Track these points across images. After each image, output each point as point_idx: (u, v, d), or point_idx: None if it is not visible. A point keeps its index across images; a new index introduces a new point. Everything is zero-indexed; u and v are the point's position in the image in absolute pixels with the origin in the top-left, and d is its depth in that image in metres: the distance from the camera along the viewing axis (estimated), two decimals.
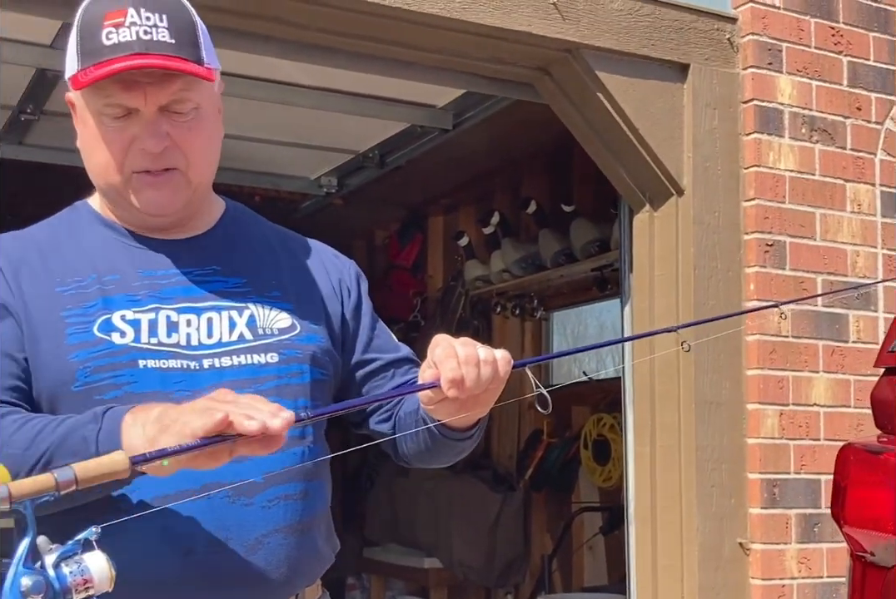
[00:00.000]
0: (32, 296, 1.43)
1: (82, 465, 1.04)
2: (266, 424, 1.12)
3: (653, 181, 2.93)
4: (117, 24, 1.36)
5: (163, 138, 1.40)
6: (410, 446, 1.56)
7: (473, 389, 1.32)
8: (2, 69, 3.29)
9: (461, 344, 1.34)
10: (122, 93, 1.37)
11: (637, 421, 3.03)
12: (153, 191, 1.44)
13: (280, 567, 1.44)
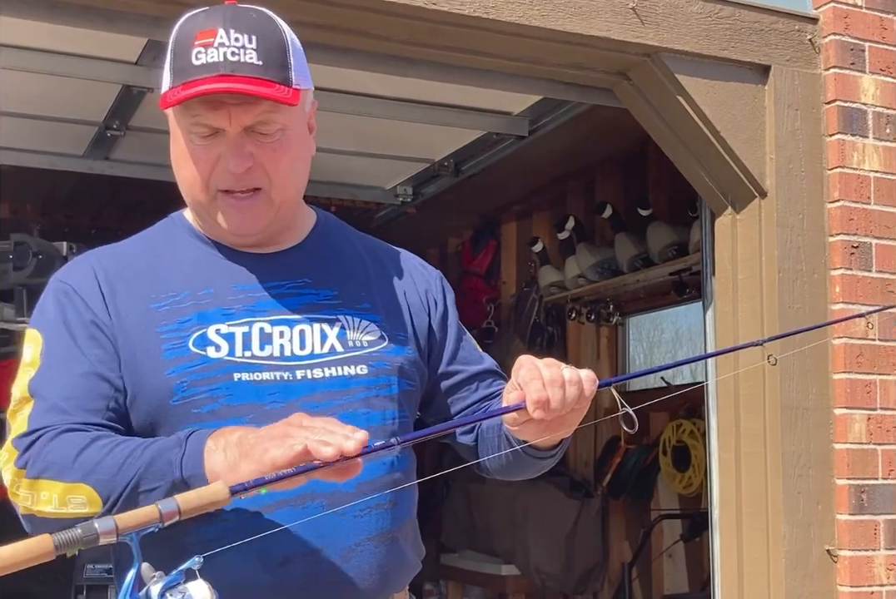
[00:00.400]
0: (129, 312, 1.46)
1: (185, 497, 1.08)
2: (342, 448, 1.15)
3: (735, 184, 2.91)
4: (206, 43, 1.39)
5: (246, 159, 1.42)
6: (493, 462, 1.57)
7: (559, 410, 1.33)
8: (89, 86, 3.39)
9: (546, 365, 1.34)
10: (208, 113, 1.40)
11: (721, 427, 3.00)
12: (236, 212, 1.47)
13: (372, 575, 1.47)
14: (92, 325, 1.45)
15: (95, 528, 1.01)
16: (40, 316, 1.50)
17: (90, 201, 5.17)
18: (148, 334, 1.44)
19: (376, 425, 1.49)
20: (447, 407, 1.64)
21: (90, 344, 1.44)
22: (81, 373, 1.41)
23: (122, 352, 1.44)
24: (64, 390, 1.40)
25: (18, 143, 3.96)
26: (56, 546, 1.00)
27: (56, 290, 1.50)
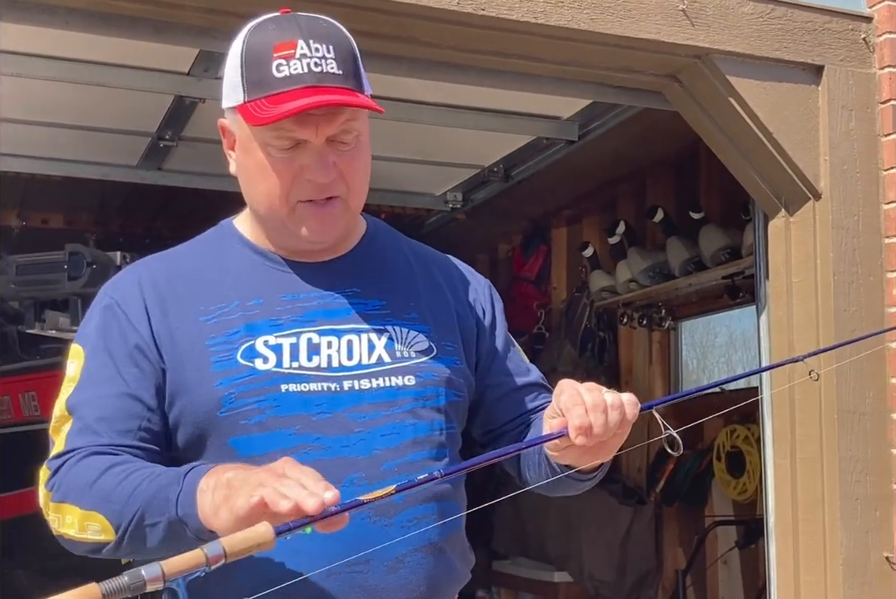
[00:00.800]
0: (178, 325, 1.47)
1: (230, 540, 1.08)
2: (300, 504, 1.12)
3: (788, 185, 2.87)
4: (287, 55, 1.39)
5: (331, 169, 1.43)
6: (533, 477, 1.57)
7: (601, 436, 1.31)
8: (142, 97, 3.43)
9: (587, 390, 1.33)
10: (294, 126, 1.40)
11: (776, 433, 2.96)
12: (317, 220, 1.47)
13: (420, 586, 1.47)
14: (132, 343, 1.46)
15: (142, 575, 1.02)
16: (84, 331, 1.53)
17: (143, 211, 5.24)
18: (197, 347, 1.45)
19: (424, 436, 1.50)
20: (492, 419, 1.64)
21: (127, 363, 1.46)
22: (115, 394, 1.44)
23: (169, 365, 1.46)
24: (97, 410, 1.43)
25: (72, 155, 4.03)
26: (104, 595, 1.00)
27: (102, 305, 1.52)
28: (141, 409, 1.44)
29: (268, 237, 1.54)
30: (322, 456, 1.42)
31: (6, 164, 3.98)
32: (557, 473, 1.46)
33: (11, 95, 3.39)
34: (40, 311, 3.24)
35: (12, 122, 3.63)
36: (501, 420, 1.63)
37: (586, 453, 1.35)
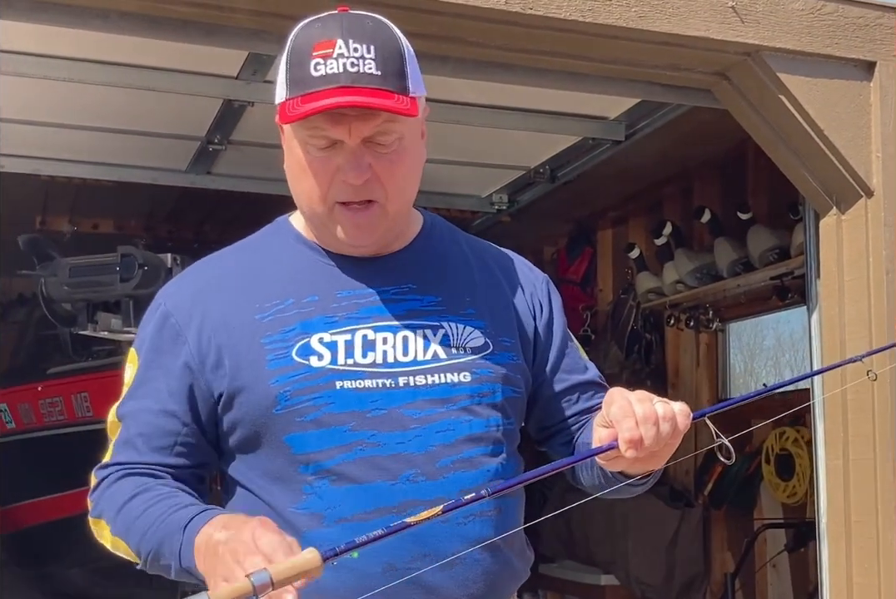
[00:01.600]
0: (233, 326, 1.49)
1: (277, 568, 1.08)
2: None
3: (840, 183, 2.84)
4: (325, 55, 1.38)
5: (365, 170, 1.42)
6: (585, 478, 1.56)
7: (652, 447, 1.30)
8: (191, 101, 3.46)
9: (638, 400, 1.31)
10: (327, 125, 1.40)
11: (828, 434, 2.93)
12: (353, 224, 1.47)
13: (476, 583, 1.47)
14: (181, 359, 1.49)
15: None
16: (141, 335, 1.56)
17: (192, 216, 5.29)
18: (253, 346, 1.47)
19: (479, 432, 1.49)
20: (546, 416, 1.63)
21: (172, 378, 1.49)
22: (156, 411, 1.48)
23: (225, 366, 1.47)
24: (138, 426, 1.49)
25: (122, 159, 4.07)
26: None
27: (157, 313, 1.54)
28: (178, 426, 1.48)
29: (318, 235, 1.55)
30: (377, 452, 1.43)
31: (58, 169, 4.04)
32: (609, 478, 1.46)
33: (62, 100, 3.44)
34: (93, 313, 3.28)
35: (63, 128, 3.68)
36: (556, 417, 1.62)
37: (637, 462, 1.33)
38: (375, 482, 1.42)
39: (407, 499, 1.41)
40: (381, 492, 1.41)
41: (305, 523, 1.41)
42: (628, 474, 1.42)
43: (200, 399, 1.48)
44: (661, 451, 1.32)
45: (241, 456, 1.50)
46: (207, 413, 1.49)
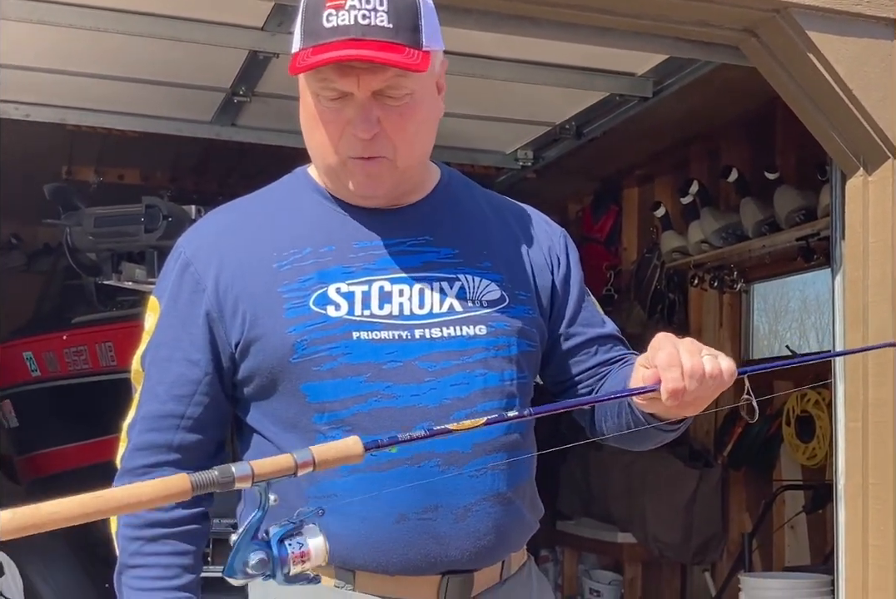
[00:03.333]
0: (251, 274, 1.49)
1: (320, 449, 1.09)
2: None
3: (867, 143, 2.80)
4: (338, 5, 1.38)
5: (373, 125, 1.42)
6: (610, 427, 1.55)
7: (692, 399, 1.31)
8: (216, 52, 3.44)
9: (687, 351, 1.30)
10: (337, 77, 1.39)
11: (849, 396, 2.91)
12: (364, 176, 1.47)
13: (488, 534, 1.48)
14: (201, 308, 1.49)
15: (232, 473, 1.03)
16: (161, 284, 1.56)
17: (217, 169, 5.28)
18: (271, 294, 1.47)
19: (494, 386, 1.50)
20: (564, 370, 1.63)
21: (193, 324, 1.49)
22: (178, 359, 1.50)
23: (243, 315, 1.48)
24: (161, 374, 1.51)
25: (147, 110, 4.06)
26: (193, 486, 1.02)
27: (177, 261, 1.54)
28: (199, 374, 1.49)
29: (333, 187, 1.55)
30: (392, 404, 1.44)
31: (83, 118, 4.04)
32: (641, 422, 1.45)
33: (87, 49, 3.44)
34: (117, 263, 3.31)
35: (88, 77, 3.68)
36: (574, 371, 1.62)
37: (673, 407, 1.34)
38: (389, 433, 1.44)
39: (421, 451, 1.42)
40: None
41: (320, 473, 1.42)
42: (660, 417, 1.42)
43: (220, 347, 1.49)
44: (699, 400, 1.33)
45: (257, 403, 1.51)
46: (226, 361, 1.50)
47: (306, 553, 1.10)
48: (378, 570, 1.45)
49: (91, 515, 0.97)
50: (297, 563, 1.09)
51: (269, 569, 1.08)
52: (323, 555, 1.11)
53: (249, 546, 1.08)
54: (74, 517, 0.96)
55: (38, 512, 0.95)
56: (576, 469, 5.41)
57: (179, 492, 1.02)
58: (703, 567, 4.98)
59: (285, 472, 1.06)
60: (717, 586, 4.66)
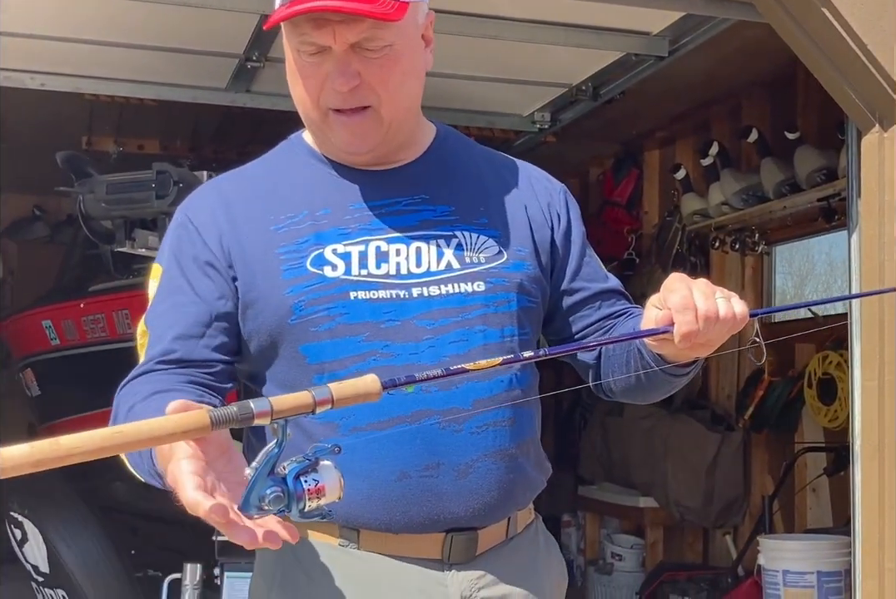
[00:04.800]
0: (249, 236, 1.49)
1: (337, 386, 1.08)
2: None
3: (883, 99, 2.75)
4: None
5: (352, 77, 1.41)
6: (618, 377, 1.54)
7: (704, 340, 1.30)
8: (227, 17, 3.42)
9: (702, 293, 1.29)
10: (313, 31, 1.38)
11: (865, 355, 2.89)
12: (345, 130, 1.46)
13: (491, 491, 1.48)
14: (202, 257, 1.49)
15: (251, 408, 1.03)
16: (161, 249, 1.57)
17: (236, 137, 5.28)
18: (268, 256, 1.48)
19: (494, 342, 1.49)
20: (568, 325, 1.62)
21: (197, 274, 1.48)
22: (184, 302, 1.47)
23: (241, 276, 1.48)
24: (167, 319, 1.47)
25: (162, 78, 4.05)
26: (212, 421, 1.01)
27: (176, 223, 1.55)
28: (208, 316, 1.47)
29: (324, 147, 1.54)
30: (390, 362, 1.44)
31: (98, 87, 4.04)
32: (650, 367, 1.44)
33: (97, 16, 3.43)
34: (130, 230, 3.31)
35: (100, 45, 3.67)
36: (578, 325, 1.61)
37: (685, 348, 1.33)
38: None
39: (420, 409, 1.43)
40: (395, 402, 1.42)
41: (321, 431, 1.43)
42: (670, 360, 1.41)
43: (227, 292, 1.48)
44: (711, 342, 1.32)
45: (259, 365, 1.52)
46: (233, 306, 1.49)
47: (321, 488, 1.10)
48: (382, 528, 1.45)
49: (110, 449, 0.96)
50: (312, 499, 1.09)
51: (284, 505, 1.07)
52: (338, 491, 1.11)
53: (265, 482, 1.07)
54: (93, 451, 0.95)
55: (58, 446, 0.94)
56: (596, 434, 5.41)
57: (199, 427, 1.01)
58: (724, 530, 4.98)
59: (304, 409, 1.05)
60: (739, 549, 4.66)
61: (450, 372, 1.15)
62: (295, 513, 1.09)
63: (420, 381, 1.13)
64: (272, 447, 1.07)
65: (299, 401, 1.06)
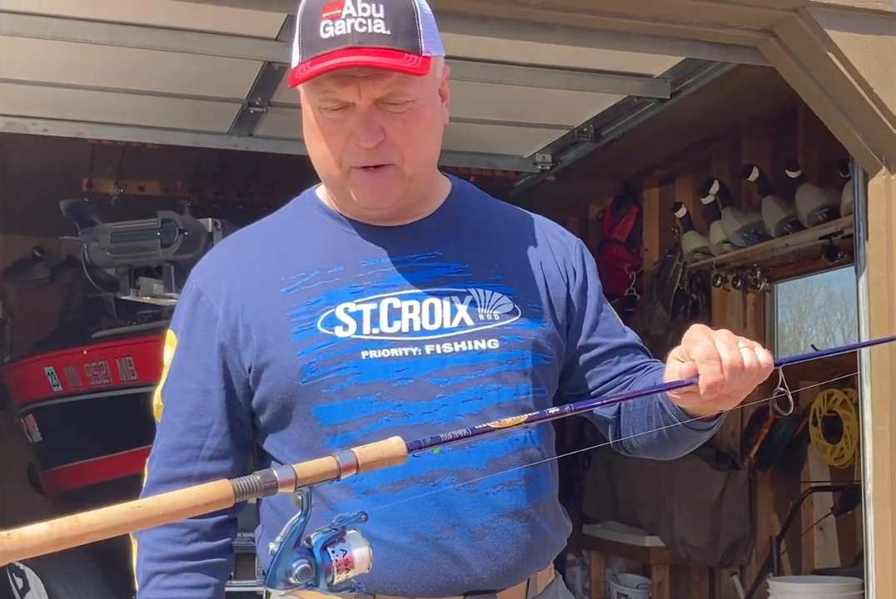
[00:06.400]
0: (262, 301, 1.48)
1: (362, 450, 1.06)
2: None
3: (889, 142, 2.76)
4: (334, 15, 1.36)
5: (376, 133, 1.39)
6: (638, 433, 1.51)
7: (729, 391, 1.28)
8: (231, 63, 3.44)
9: (725, 344, 1.28)
10: (337, 87, 1.37)
11: (875, 398, 2.88)
12: (369, 187, 1.45)
13: (508, 553, 1.45)
14: (215, 339, 1.49)
15: (275, 477, 1.00)
16: (175, 317, 1.56)
17: (236, 178, 5.29)
18: (280, 319, 1.46)
19: (508, 400, 1.47)
20: (586, 381, 1.59)
21: (208, 354, 1.49)
22: (194, 389, 1.50)
23: (255, 342, 1.47)
24: (178, 406, 1.50)
25: (165, 122, 4.06)
26: (235, 492, 0.99)
27: (190, 292, 1.54)
28: (216, 404, 1.48)
29: (340, 203, 1.53)
30: (403, 423, 1.41)
31: (100, 133, 4.05)
32: (672, 422, 1.41)
33: (100, 64, 3.44)
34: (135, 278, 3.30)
35: (104, 91, 3.68)
36: (597, 381, 1.58)
37: (710, 401, 1.31)
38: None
39: (434, 469, 1.40)
40: (408, 463, 1.39)
41: (335, 495, 1.40)
42: (693, 414, 1.39)
43: (235, 375, 1.48)
44: (735, 393, 1.30)
45: (273, 430, 1.50)
46: (242, 388, 1.49)
47: (350, 559, 1.07)
48: (398, 593, 1.42)
49: (132, 525, 0.94)
50: (340, 571, 1.06)
51: (312, 578, 1.05)
52: (367, 562, 1.08)
53: (292, 555, 1.04)
54: (115, 527, 0.93)
55: (78, 524, 0.92)
56: (601, 472, 5.38)
57: (221, 499, 0.98)
58: (731, 570, 4.94)
59: (329, 476, 1.03)
60: (746, 589, 4.61)
61: (476, 432, 1.13)
62: (323, 587, 1.06)
63: (446, 442, 1.10)
64: (296, 518, 1.05)
65: (324, 468, 1.03)
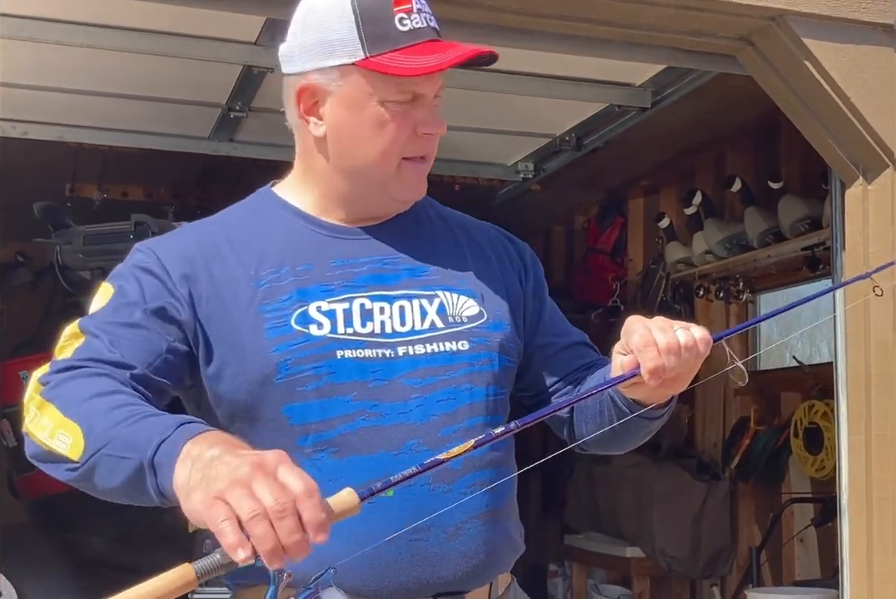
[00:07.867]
0: (227, 289, 1.46)
1: None
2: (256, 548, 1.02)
3: (866, 152, 2.76)
4: (407, 9, 1.43)
5: (443, 121, 1.48)
6: (591, 429, 1.53)
7: (674, 374, 1.31)
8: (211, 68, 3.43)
9: (659, 329, 1.31)
10: (425, 80, 1.43)
11: (851, 408, 2.87)
12: (417, 178, 1.50)
13: (479, 554, 1.46)
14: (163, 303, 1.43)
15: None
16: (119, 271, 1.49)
17: (219, 184, 5.28)
18: (249, 313, 1.45)
19: (479, 401, 1.49)
20: (539, 380, 1.63)
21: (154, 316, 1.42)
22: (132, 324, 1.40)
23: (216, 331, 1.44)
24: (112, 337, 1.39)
25: (146, 127, 4.05)
26: (198, 574, 1.00)
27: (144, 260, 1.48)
28: (160, 348, 1.41)
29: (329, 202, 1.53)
30: (380, 422, 1.42)
31: (81, 136, 4.04)
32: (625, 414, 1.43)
33: (81, 67, 3.43)
34: None
35: (84, 94, 3.67)
36: (551, 380, 1.62)
37: (658, 387, 1.34)
38: (378, 452, 1.42)
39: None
40: (384, 463, 1.41)
41: None
42: (645, 403, 1.41)
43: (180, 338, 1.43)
44: (683, 374, 1.33)
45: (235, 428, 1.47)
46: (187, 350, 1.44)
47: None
48: (370, 595, 1.42)
49: None
50: None
51: None
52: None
53: None
54: None
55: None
56: (583, 483, 5.36)
57: (185, 584, 0.99)
58: (712, 581, 4.92)
59: None
60: None
61: (425, 467, 1.14)
62: None
63: (396, 483, 1.11)
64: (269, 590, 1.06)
65: None
